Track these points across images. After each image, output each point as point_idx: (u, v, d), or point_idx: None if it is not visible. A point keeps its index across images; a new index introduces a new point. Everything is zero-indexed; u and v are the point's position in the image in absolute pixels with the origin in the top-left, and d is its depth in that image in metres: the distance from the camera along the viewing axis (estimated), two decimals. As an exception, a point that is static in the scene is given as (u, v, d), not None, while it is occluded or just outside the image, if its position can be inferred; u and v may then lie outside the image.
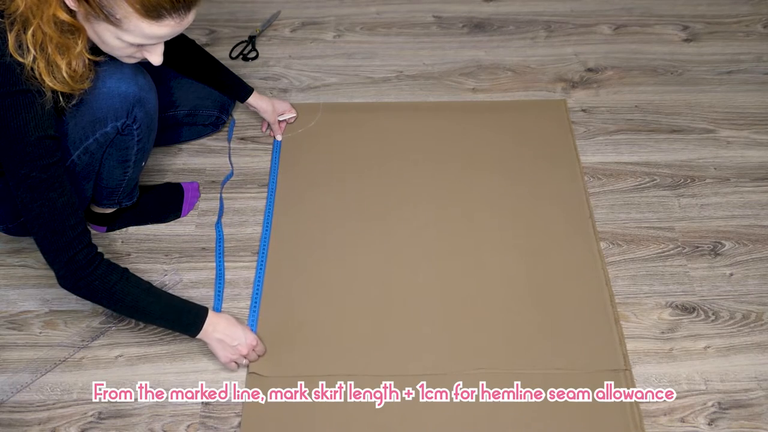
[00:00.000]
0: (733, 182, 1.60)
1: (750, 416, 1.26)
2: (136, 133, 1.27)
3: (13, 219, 1.32)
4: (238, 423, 1.25)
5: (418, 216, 1.53)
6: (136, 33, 1.02)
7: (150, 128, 1.31)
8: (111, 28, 1.02)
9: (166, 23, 1.02)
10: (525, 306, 1.39)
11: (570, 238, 1.49)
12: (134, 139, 1.28)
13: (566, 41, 1.92)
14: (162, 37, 1.05)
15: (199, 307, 1.24)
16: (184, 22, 1.04)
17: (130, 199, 1.45)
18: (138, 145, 1.30)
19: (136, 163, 1.34)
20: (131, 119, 1.24)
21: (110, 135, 1.24)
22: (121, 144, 1.28)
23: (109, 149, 1.28)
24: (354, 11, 2.00)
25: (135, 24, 1.01)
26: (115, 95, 1.20)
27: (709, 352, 1.34)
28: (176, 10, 1.01)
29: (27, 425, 1.24)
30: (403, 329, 1.36)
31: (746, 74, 1.83)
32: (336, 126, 1.70)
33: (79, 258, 1.12)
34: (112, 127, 1.23)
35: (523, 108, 1.75)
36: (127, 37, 1.03)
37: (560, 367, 1.31)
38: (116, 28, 1.01)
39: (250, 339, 1.27)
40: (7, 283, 1.42)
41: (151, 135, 1.33)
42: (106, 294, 1.15)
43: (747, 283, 1.44)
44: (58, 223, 1.10)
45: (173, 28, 1.04)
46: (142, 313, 1.21)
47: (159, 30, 1.03)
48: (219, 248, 1.47)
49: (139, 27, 1.01)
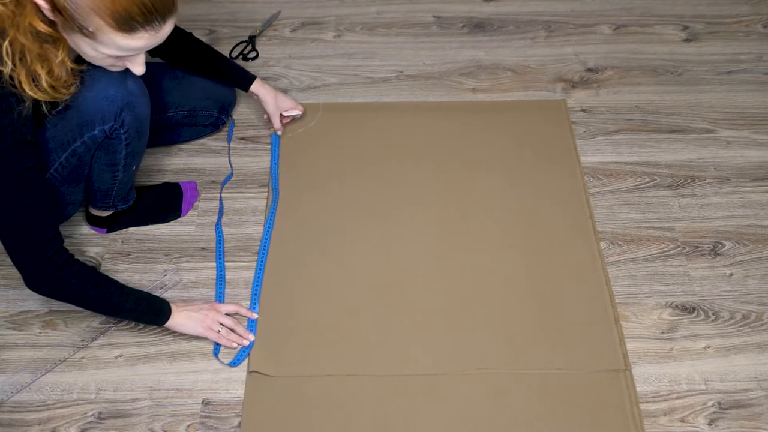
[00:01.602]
0: (733, 182, 1.60)
1: (750, 416, 1.26)
2: (124, 138, 1.26)
3: None
4: (238, 423, 1.25)
5: (418, 216, 1.53)
6: (111, 45, 1.01)
7: (140, 132, 1.30)
8: (86, 40, 1.00)
9: (140, 36, 1.00)
10: (525, 306, 1.39)
11: (570, 238, 1.49)
12: (122, 143, 1.27)
13: (566, 41, 1.92)
14: (138, 49, 1.04)
15: (158, 296, 1.31)
16: (160, 34, 1.02)
17: (126, 202, 1.45)
18: (127, 150, 1.29)
19: (126, 167, 1.33)
20: (119, 123, 1.23)
21: (98, 138, 1.24)
22: (110, 148, 1.27)
23: (97, 152, 1.27)
24: (354, 11, 2.00)
25: (109, 37, 0.99)
26: (102, 99, 1.19)
27: (709, 352, 1.34)
28: (149, 22, 0.99)
29: (27, 425, 1.24)
30: (403, 329, 1.36)
31: (746, 74, 1.83)
32: (336, 126, 1.70)
33: (55, 260, 1.14)
34: (99, 130, 1.22)
35: (523, 108, 1.75)
36: (103, 49, 1.02)
37: (560, 367, 1.31)
38: (91, 40, 1.00)
39: (212, 302, 1.35)
40: (7, 283, 1.42)
41: (141, 139, 1.32)
42: (82, 292, 1.19)
43: (747, 283, 1.44)
44: (33, 227, 1.11)
45: (148, 40, 1.02)
46: (115, 308, 1.25)
47: (133, 43, 1.01)
48: (219, 249, 1.47)
49: (113, 40, 0.99)
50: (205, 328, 1.31)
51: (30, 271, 1.15)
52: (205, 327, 1.31)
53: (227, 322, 1.33)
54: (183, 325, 1.31)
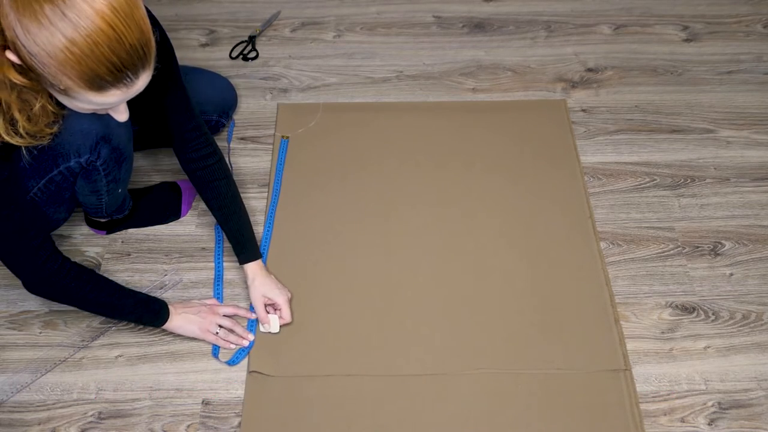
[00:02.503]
0: (733, 182, 1.60)
1: (750, 416, 1.26)
2: (102, 168, 1.24)
3: None
4: (238, 423, 1.25)
5: (418, 216, 1.53)
6: (85, 101, 0.98)
7: (119, 161, 1.27)
8: (59, 95, 0.98)
9: (113, 93, 0.97)
10: (525, 306, 1.39)
11: (570, 238, 1.49)
12: (101, 173, 1.25)
13: (566, 41, 1.92)
14: (113, 103, 1.00)
15: (157, 298, 1.31)
16: (134, 89, 0.99)
17: (121, 212, 1.45)
18: (107, 178, 1.27)
19: (110, 192, 1.32)
20: (95, 156, 1.20)
21: (75, 170, 1.22)
22: (90, 177, 1.25)
23: (78, 180, 1.26)
24: (354, 11, 2.00)
25: (82, 95, 0.96)
26: (77, 132, 1.16)
27: (709, 352, 1.34)
28: (119, 80, 0.95)
29: (27, 425, 1.24)
30: (404, 329, 1.36)
31: (746, 74, 1.83)
32: (336, 126, 1.70)
33: (50, 266, 1.15)
34: (75, 162, 1.20)
35: (523, 108, 1.75)
36: (78, 104, 0.99)
37: (560, 367, 1.31)
38: (65, 96, 0.98)
39: (209, 301, 1.36)
40: (7, 283, 1.42)
41: (122, 166, 1.29)
42: (81, 295, 1.20)
43: (747, 283, 1.44)
44: (18, 237, 1.12)
45: (122, 96, 0.98)
46: (114, 310, 1.26)
47: (107, 99, 0.98)
48: (218, 249, 1.47)
49: (86, 97, 0.96)
50: (202, 331, 1.31)
51: (26, 277, 1.17)
52: (202, 330, 1.31)
53: (226, 323, 1.33)
54: (181, 328, 1.31)
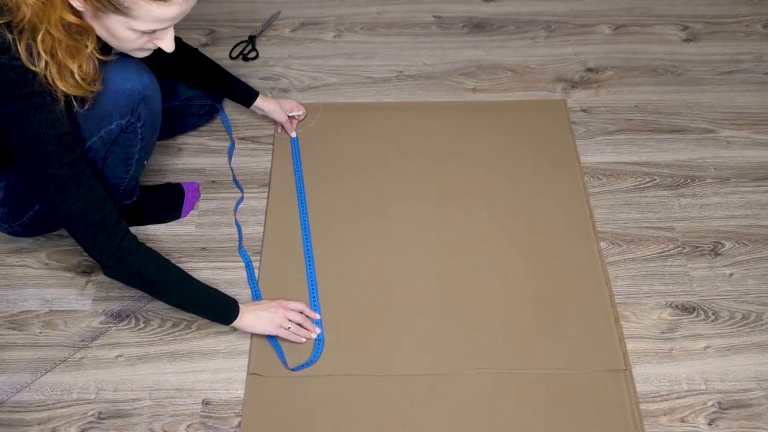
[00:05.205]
0: (733, 182, 1.60)
1: (750, 416, 1.26)
2: (140, 131, 1.27)
3: (16, 218, 1.32)
4: (238, 423, 1.25)
5: (418, 216, 1.53)
6: (146, 18, 1.02)
7: (153, 127, 1.31)
8: (121, 18, 1.02)
9: (174, 2, 1.02)
10: (525, 306, 1.39)
11: (570, 238, 1.49)
12: (138, 137, 1.28)
13: (566, 41, 1.92)
14: (172, 18, 1.05)
15: (231, 297, 1.30)
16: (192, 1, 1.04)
17: (130, 198, 1.45)
18: (141, 143, 1.30)
19: (139, 161, 1.34)
20: (135, 117, 1.24)
21: (114, 133, 1.24)
22: (125, 142, 1.27)
23: (112, 147, 1.27)
24: (354, 11, 2.00)
25: (144, 9, 1.00)
26: (119, 93, 1.20)
27: (709, 352, 1.34)
28: None
29: (27, 425, 1.24)
30: (404, 329, 1.36)
31: (746, 74, 1.83)
32: (336, 126, 1.70)
33: (125, 245, 1.15)
34: (116, 125, 1.23)
35: (523, 108, 1.75)
36: (138, 24, 1.03)
37: (560, 367, 1.31)
38: (126, 17, 1.01)
39: (279, 300, 1.34)
40: (7, 283, 1.42)
41: (154, 134, 1.33)
42: (155, 280, 1.18)
43: (747, 283, 1.44)
44: (95, 216, 1.12)
45: (181, 6, 1.04)
46: (186, 302, 1.26)
47: (168, 11, 1.03)
48: (249, 271, 1.45)
49: (148, 11, 1.01)
50: (275, 326, 1.31)
51: (104, 259, 1.15)
52: (275, 325, 1.31)
53: (295, 317, 1.33)
54: (251, 326, 1.30)
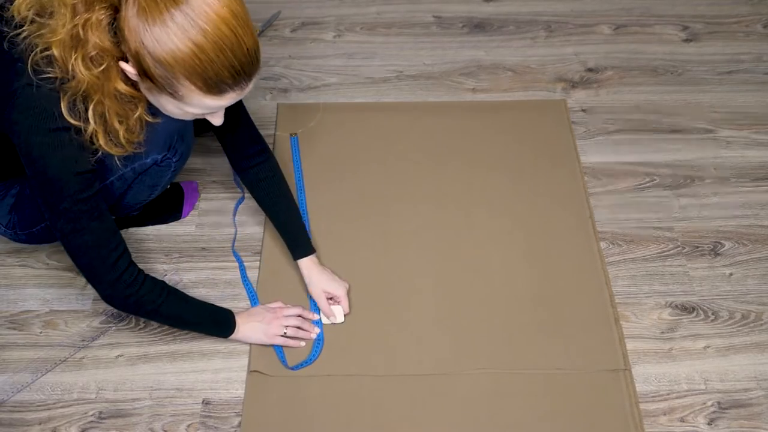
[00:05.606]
0: (733, 182, 1.60)
1: (749, 416, 1.26)
2: (174, 165, 1.28)
3: (25, 227, 1.32)
4: (238, 423, 1.25)
5: (418, 216, 1.53)
6: (198, 106, 1.02)
7: (185, 158, 1.31)
8: (173, 101, 1.02)
9: (228, 96, 1.02)
10: (525, 306, 1.39)
11: (570, 238, 1.49)
12: (170, 169, 1.29)
13: (566, 41, 1.92)
14: (224, 106, 1.06)
15: (224, 308, 1.30)
16: (245, 91, 1.04)
17: (138, 211, 1.45)
18: (172, 174, 1.31)
19: (164, 187, 1.35)
20: (172, 153, 1.25)
21: (147, 165, 1.25)
22: (157, 173, 1.28)
23: (142, 176, 1.28)
24: (354, 11, 2.00)
25: (198, 99, 1.00)
26: (159, 132, 1.19)
27: (708, 351, 1.34)
28: (237, 83, 1.01)
29: (27, 425, 1.24)
30: (404, 329, 1.36)
31: (746, 74, 1.83)
32: (336, 126, 1.70)
33: (125, 278, 1.15)
34: (152, 159, 1.24)
35: (523, 108, 1.75)
36: (189, 108, 1.03)
37: (560, 367, 1.31)
38: (179, 101, 1.01)
39: (273, 305, 1.36)
40: (7, 283, 1.42)
41: (184, 164, 1.33)
42: (153, 308, 1.20)
43: (747, 283, 1.44)
44: (101, 249, 1.13)
45: (234, 98, 1.04)
46: (183, 322, 1.28)
47: (221, 102, 1.03)
48: (242, 271, 1.45)
49: (201, 102, 1.01)
50: (269, 337, 1.32)
51: (103, 289, 1.17)
52: (269, 336, 1.32)
53: (292, 322, 1.33)
54: (247, 337, 1.32)
